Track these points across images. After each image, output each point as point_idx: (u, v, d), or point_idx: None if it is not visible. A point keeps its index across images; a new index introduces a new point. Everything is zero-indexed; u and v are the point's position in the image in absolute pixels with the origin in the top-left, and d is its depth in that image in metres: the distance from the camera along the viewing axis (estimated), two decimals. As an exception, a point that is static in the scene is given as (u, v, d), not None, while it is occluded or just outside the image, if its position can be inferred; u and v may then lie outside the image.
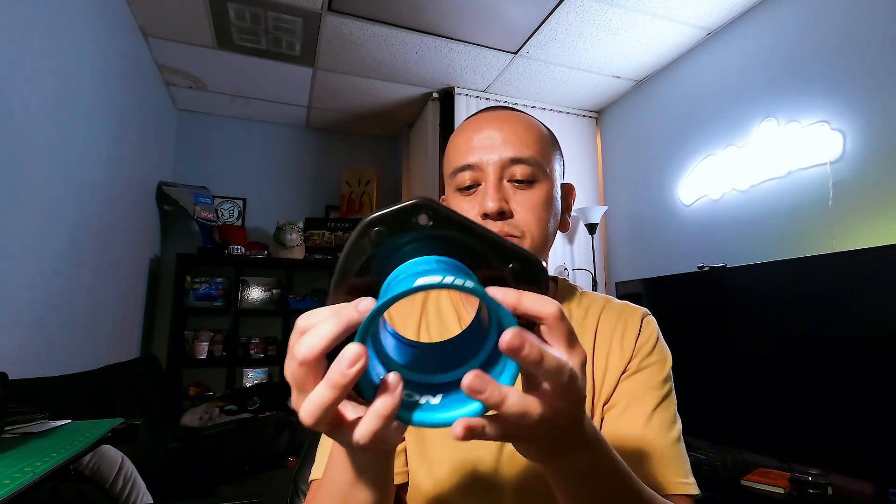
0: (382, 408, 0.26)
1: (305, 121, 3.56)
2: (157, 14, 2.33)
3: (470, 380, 0.26)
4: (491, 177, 0.58)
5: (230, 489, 1.82)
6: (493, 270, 0.31)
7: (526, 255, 0.31)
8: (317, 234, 3.38)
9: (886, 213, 1.67)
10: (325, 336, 0.26)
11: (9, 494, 0.65)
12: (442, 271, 0.27)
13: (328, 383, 0.26)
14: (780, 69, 2.08)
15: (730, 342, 1.87)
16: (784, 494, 1.51)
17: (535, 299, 0.28)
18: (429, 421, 0.28)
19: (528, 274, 0.31)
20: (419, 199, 0.29)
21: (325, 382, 0.26)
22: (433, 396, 0.30)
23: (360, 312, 0.26)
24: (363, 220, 0.29)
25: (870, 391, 1.40)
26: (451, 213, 0.29)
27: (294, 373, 0.28)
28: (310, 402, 0.27)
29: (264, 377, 3.16)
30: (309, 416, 0.27)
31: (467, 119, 0.65)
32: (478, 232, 0.30)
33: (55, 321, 1.74)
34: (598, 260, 3.05)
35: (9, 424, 1.01)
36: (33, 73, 1.53)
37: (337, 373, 0.25)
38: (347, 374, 0.25)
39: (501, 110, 0.63)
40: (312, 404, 0.26)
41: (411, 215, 0.29)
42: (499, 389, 0.27)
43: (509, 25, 2.38)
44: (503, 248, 0.30)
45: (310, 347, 0.27)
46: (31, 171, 1.55)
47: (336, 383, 0.26)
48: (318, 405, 0.26)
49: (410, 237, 0.29)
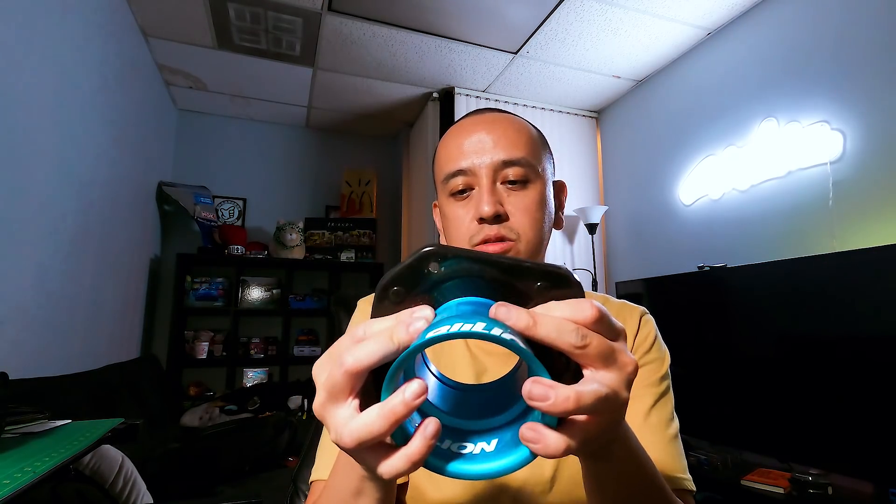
0: (415, 453, 0.26)
1: (305, 121, 3.56)
2: (157, 14, 2.33)
3: (530, 388, 0.25)
4: (484, 181, 0.58)
5: (230, 489, 1.82)
6: (523, 292, 0.30)
7: (548, 270, 0.29)
8: (317, 234, 3.38)
9: (886, 213, 1.67)
10: (377, 353, 0.26)
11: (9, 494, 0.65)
12: (459, 317, 0.26)
13: (386, 412, 0.25)
14: (780, 69, 2.08)
15: (730, 342, 1.87)
16: (784, 494, 1.51)
17: (552, 327, 0.26)
18: (470, 473, 0.28)
19: (557, 284, 0.30)
20: (426, 248, 0.28)
21: (381, 410, 0.25)
22: (474, 444, 0.29)
23: (411, 335, 0.26)
24: (379, 284, 0.29)
25: (870, 391, 1.40)
26: (459, 251, 0.29)
27: (335, 378, 0.27)
28: (359, 425, 0.26)
29: (264, 377, 3.16)
30: (352, 439, 0.26)
31: (456, 123, 0.65)
32: (493, 261, 0.29)
33: (55, 321, 1.74)
34: (598, 260, 3.04)
35: (9, 424, 1.00)
36: (33, 73, 1.53)
37: (400, 403, 0.25)
38: (410, 405, 0.25)
39: (489, 112, 0.63)
40: (361, 428, 0.26)
41: (423, 266, 0.29)
42: (565, 390, 0.25)
43: (509, 25, 2.38)
44: (523, 270, 0.29)
45: (357, 360, 0.26)
46: (31, 171, 1.55)
47: (394, 413, 0.25)
48: (368, 432, 0.26)
49: (429, 286, 0.29)
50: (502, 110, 0.65)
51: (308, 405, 2.81)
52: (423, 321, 0.26)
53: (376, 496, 0.37)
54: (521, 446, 0.27)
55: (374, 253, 3.48)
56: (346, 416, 0.27)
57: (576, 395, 0.25)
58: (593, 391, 0.26)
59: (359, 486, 0.37)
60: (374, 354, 0.26)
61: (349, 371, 0.26)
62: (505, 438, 0.29)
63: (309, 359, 3.25)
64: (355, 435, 0.26)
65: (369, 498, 0.37)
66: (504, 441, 0.29)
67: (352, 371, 0.26)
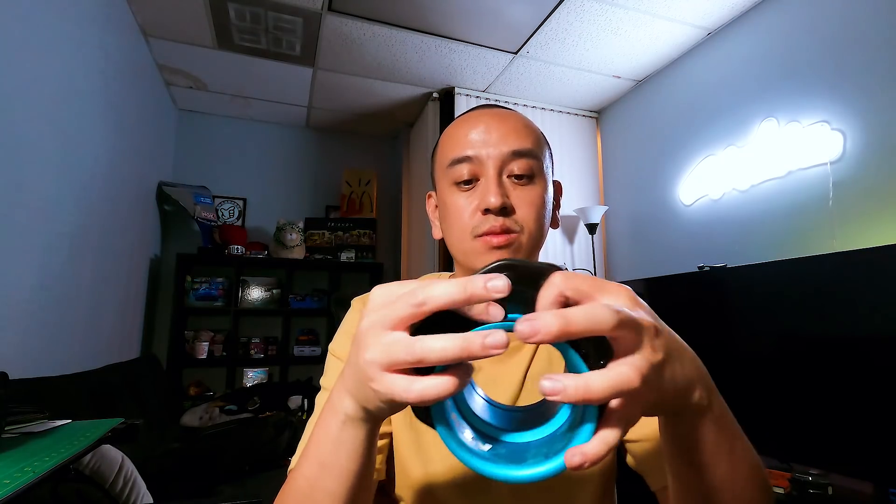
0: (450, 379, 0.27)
1: (305, 121, 3.56)
2: (157, 14, 2.33)
3: (542, 385, 0.25)
4: (491, 171, 0.57)
5: (230, 489, 1.82)
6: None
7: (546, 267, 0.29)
8: (317, 234, 3.38)
9: (886, 213, 1.67)
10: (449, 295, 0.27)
11: (9, 494, 0.65)
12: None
13: (465, 341, 0.26)
14: (781, 69, 2.08)
15: (730, 342, 1.87)
16: (784, 494, 1.51)
17: (582, 317, 0.25)
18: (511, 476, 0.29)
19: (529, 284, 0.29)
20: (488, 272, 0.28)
21: (462, 339, 0.26)
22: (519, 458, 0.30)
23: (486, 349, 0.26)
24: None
25: (870, 391, 1.40)
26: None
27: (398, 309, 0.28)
28: (433, 347, 0.26)
29: (264, 377, 3.16)
30: (419, 397, 0.27)
31: (463, 114, 0.64)
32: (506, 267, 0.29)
33: (55, 321, 1.74)
34: (598, 260, 3.04)
35: (9, 424, 1.00)
36: (33, 73, 1.53)
37: (480, 340, 0.25)
38: (486, 347, 0.25)
39: (496, 107, 0.63)
40: (437, 350, 0.26)
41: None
42: (572, 379, 0.25)
43: (509, 25, 2.38)
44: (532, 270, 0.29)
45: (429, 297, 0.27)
46: (31, 171, 1.55)
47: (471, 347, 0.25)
48: (442, 353, 0.26)
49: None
50: (508, 107, 0.65)
51: (308, 405, 2.81)
52: (502, 280, 0.26)
53: (354, 446, 0.36)
54: (554, 458, 0.28)
55: (374, 253, 3.48)
56: (400, 337, 0.28)
57: (585, 382, 0.25)
58: (609, 374, 0.26)
59: (338, 434, 0.36)
60: (446, 296, 0.27)
61: (419, 302, 0.27)
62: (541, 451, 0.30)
63: (309, 359, 3.25)
64: (431, 355, 0.26)
65: (347, 448, 0.36)
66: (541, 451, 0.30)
67: (421, 303, 0.27)
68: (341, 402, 0.35)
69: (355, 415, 0.35)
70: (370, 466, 0.39)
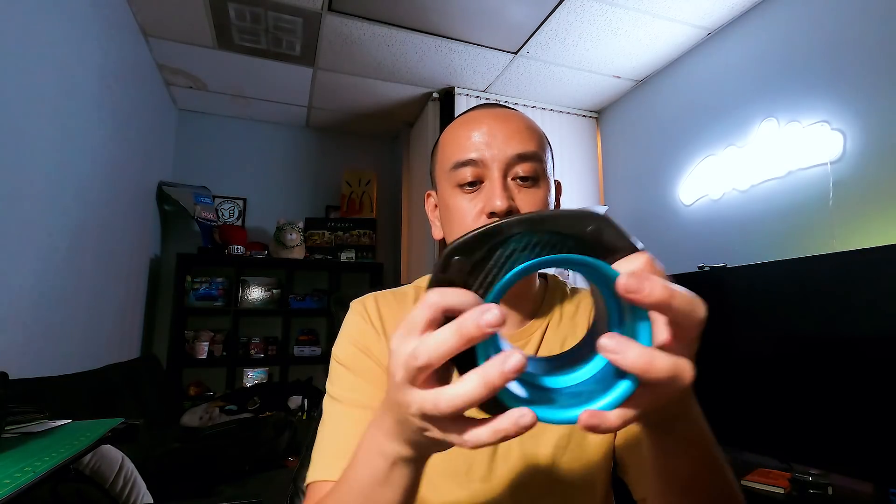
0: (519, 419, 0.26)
1: (305, 121, 3.56)
2: (157, 14, 2.33)
3: (605, 341, 0.25)
4: (496, 174, 0.57)
5: (230, 489, 1.82)
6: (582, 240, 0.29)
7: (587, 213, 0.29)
8: (317, 234, 3.38)
9: (886, 213, 1.67)
10: (448, 349, 0.27)
11: (9, 494, 0.65)
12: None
13: (483, 380, 0.26)
14: (781, 69, 2.08)
15: (730, 342, 1.87)
16: (784, 494, 1.51)
17: (685, 298, 0.26)
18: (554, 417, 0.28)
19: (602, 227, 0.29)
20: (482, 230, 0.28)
21: (478, 378, 0.26)
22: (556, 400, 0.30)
23: (480, 328, 0.26)
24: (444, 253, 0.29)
25: (870, 391, 1.40)
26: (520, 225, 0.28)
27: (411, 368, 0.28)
28: (455, 395, 0.27)
29: (264, 377, 3.16)
30: (449, 406, 0.27)
31: (464, 114, 0.63)
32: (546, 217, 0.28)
33: (55, 321, 1.74)
34: (599, 260, 3.04)
35: (9, 424, 1.00)
36: (33, 73, 1.53)
37: (498, 372, 0.25)
38: (506, 375, 0.25)
39: (498, 107, 0.62)
40: (459, 397, 0.26)
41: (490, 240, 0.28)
42: (639, 349, 0.25)
43: (509, 25, 2.38)
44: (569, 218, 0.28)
45: (429, 357, 0.27)
46: (31, 171, 1.55)
47: (490, 382, 0.25)
48: (465, 399, 0.26)
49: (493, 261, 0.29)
50: (509, 106, 0.64)
51: (308, 405, 2.81)
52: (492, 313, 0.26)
53: (404, 484, 0.36)
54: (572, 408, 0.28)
55: (374, 253, 3.48)
56: (432, 391, 0.28)
57: (651, 357, 0.25)
58: (674, 360, 0.26)
59: (386, 475, 0.36)
60: (447, 350, 0.27)
61: (422, 366, 0.27)
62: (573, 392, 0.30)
63: (309, 359, 3.25)
64: (454, 403, 0.27)
65: (396, 487, 0.36)
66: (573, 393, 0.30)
67: (425, 366, 0.27)
68: (390, 446, 0.35)
69: (409, 456, 0.35)
70: (417, 493, 0.39)
